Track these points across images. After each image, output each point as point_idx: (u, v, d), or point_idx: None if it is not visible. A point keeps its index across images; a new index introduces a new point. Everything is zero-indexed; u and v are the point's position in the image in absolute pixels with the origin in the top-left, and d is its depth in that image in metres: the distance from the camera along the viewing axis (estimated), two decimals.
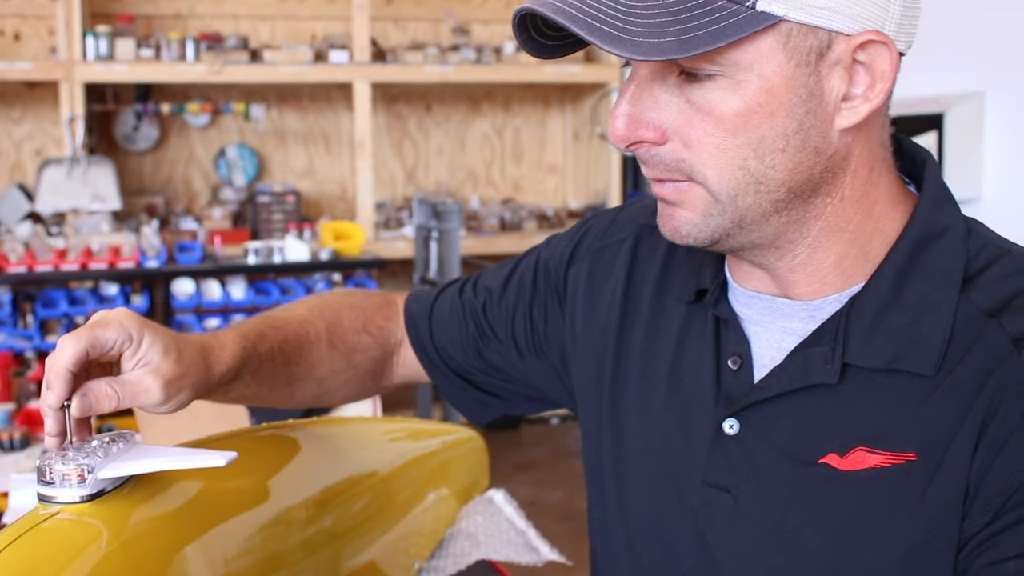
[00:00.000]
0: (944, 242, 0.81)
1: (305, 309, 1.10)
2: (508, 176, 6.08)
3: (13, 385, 2.80)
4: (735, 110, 0.75)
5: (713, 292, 0.90)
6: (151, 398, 0.86)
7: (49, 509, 0.78)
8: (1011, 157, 3.71)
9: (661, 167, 0.79)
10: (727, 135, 0.75)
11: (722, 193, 0.77)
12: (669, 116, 0.77)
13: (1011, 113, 3.68)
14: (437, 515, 1.40)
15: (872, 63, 0.76)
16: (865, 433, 0.79)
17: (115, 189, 4.79)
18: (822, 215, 0.80)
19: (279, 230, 5.14)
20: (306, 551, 1.03)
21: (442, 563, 1.36)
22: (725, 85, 0.74)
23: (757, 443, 0.84)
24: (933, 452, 0.76)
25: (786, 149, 0.76)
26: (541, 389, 1.11)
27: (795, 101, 0.75)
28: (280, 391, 1.05)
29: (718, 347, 0.89)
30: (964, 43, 3.82)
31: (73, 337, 0.82)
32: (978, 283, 0.79)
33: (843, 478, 0.79)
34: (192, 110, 5.22)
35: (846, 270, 0.82)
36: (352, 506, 1.15)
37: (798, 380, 0.82)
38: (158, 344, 0.87)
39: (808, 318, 0.84)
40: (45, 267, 4.32)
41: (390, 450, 1.31)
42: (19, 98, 5.22)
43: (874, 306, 0.80)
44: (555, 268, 1.08)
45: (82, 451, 0.80)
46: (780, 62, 0.74)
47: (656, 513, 0.91)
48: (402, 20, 5.75)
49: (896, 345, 0.79)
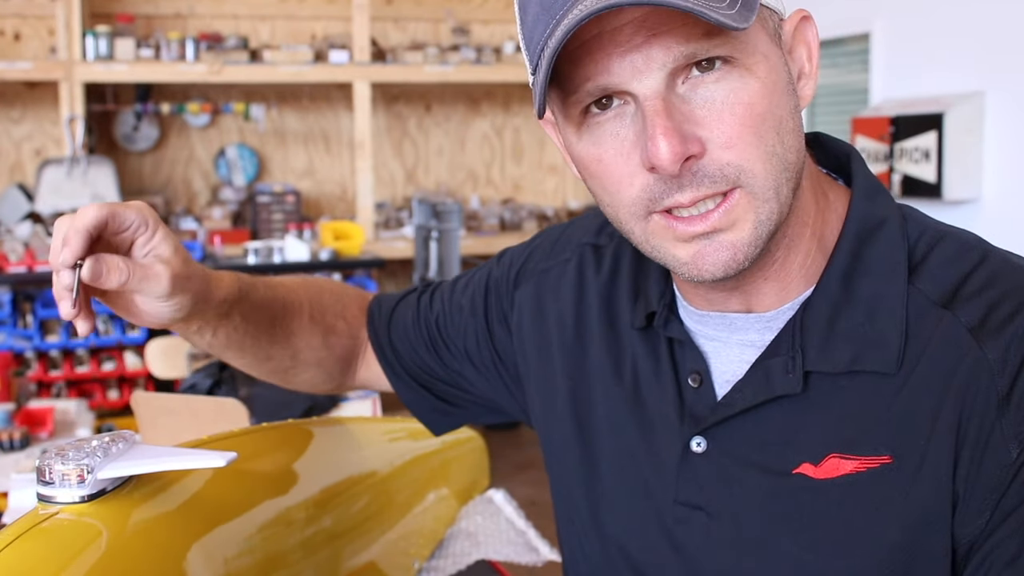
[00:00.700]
0: (884, 233, 0.81)
1: (292, 281, 1.11)
2: (508, 176, 6.08)
3: (13, 385, 2.80)
4: (759, 92, 0.73)
5: (661, 314, 0.88)
6: (158, 285, 0.85)
7: (49, 509, 0.78)
8: (1011, 157, 3.71)
9: (707, 181, 0.73)
10: (757, 122, 0.73)
11: (768, 188, 0.74)
12: (701, 124, 0.73)
13: (1011, 113, 3.68)
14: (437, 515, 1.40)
15: (806, 38, 0.79)
16: (836, 439, 0.78)
17: (115, 189, 4.79)
18: (796, 208, 0.80)
19: (279, 230, 5.14)
20: (306, 551, 1.03)
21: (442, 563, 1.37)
22: (739, 72, 0.72)
23: (726, 459, 0.83)
24: (908, 453, 0.76)
25: (794, 128, 0.76)
26: (496, 402, 1.11)
27: (786, 79, 0.76)
28: (260, 347, 1.04)
29: (675, 366, 0.88)
30: (964, 43, 3.82)
31: (96, 205, 0.83)
32: (923, 272, 0.79)
33: (819, 487, 0.78)
34: (192, 110, 5.22)
35: (808, 269, 0.82)
36: (352, 506, 1.15)
37: (762, 393, 0.80)
38: (170, 240, 0.87)
39: (764, 329, 0.83)
40: (45, 267, 4.32)
41: (390, 450, 1.31)
42: (19, 98, 5.22)
43: (826, 309, 0.79)
44: (503, 289, 1.07)
45: (82, 451, 0.80)
46: (766, 42, 0.74)
47: (633, 532, 0.91)
48: (402, 20, 5.75)
49: (854, 346, 0.78)
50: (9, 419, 2.62)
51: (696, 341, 0.87)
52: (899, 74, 4.16)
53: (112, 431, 0.85)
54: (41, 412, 2.71)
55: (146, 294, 0.86)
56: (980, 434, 0.74)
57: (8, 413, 2.63)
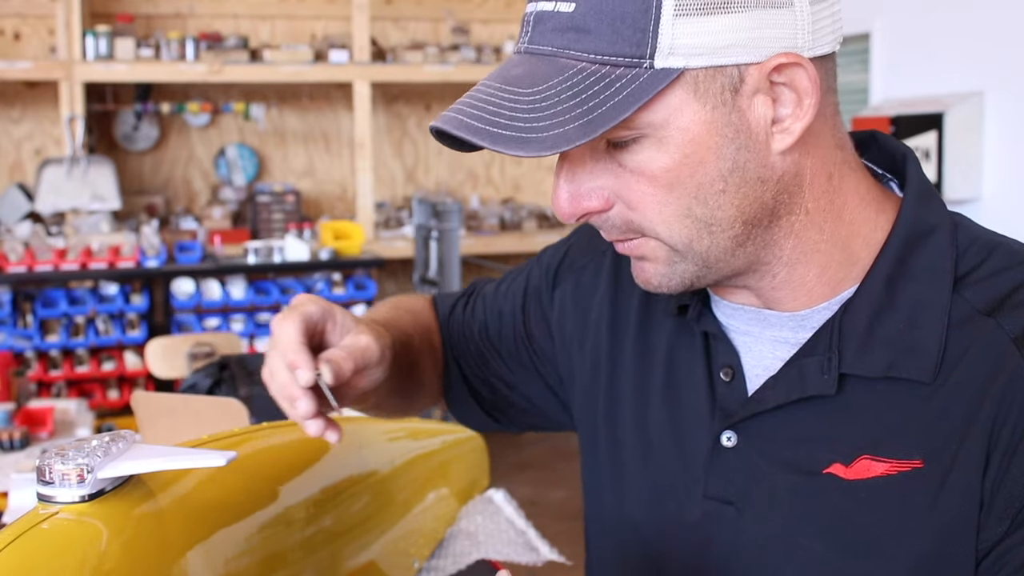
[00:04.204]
0: (933, 241, 0.80)
1: (384, 308, 1.10)
2: (508, 176, 6.08)
3: (13, 385, 2.80)
4: (664, 166, 0.74)
5: (695, 307, 0.89)
6: (373, 353, 0.86)
7: (49, 509, 0.78)
8: (1011, 157, 3.71)
9: (615, 231, 0.79)
10: (664, 191, 0.75)
11: (677, 243, 0.77)
12: (607, 182, 0.77)
13: (1011, 113, 3.68)
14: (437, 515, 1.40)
15: (792, 83, 0.74)
16: (868, 441, 0.78)
17: (115, 189, 4.79)
18: (791, 233, 0.79)
19: (279, 230, 5.14)
20: (306, 551, 1.03)
21: (442, 563, 1.36)
22: (649, 145, 0.73)
23: (756, 455, 0.83)
24: (940, 459, 0.76)
25: (726, 189, 0.75)
26: (541, 408, 1.11)
27: (722, 142, 0.73)
28: (404, 385, 1.03)
29: (708, 359, 0.88)
30: (964, 43, 3.82)
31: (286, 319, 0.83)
32: (970, 281, 0.78)
33: (850, 487, 0.78)
34: (192, 110, 5.22)
35: (831, 278, 0.81)
36: (352, 506, 1.15)
37: (795, 391, 0.80)
38: (347, 315, 0.89)
39: (797, 327, 0.82)
40: (45, 267, 4.32)
41: (390, 450, 1.30)
42: (19, 98, 5.22)
43: (867, 312, 0.79)
44: (544, 289, 1.07)
45: (82, 451, 0.80)
46: (695, 110, 0.72)
47: (656, 527, 0.90)
48: (402, 20, 5.75)
49: (892, 352, 0.77)
50: (9, 419, 2.62)
51: (728, 335, 0.87)
52: (899, 74, 4.16)
53: (112, 431, 0.85)
54: (41, 412, 2.71)
55: (367, 365, 0.86)
56: (1011, 440, 0.74)
57: (8, 413, 2.63)
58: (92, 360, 4.46)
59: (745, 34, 0.71)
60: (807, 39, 0.74)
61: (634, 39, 0.70)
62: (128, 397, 4.13)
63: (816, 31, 0.74)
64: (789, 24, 0.73)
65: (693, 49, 0.70)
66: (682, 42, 0.70)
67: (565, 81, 0.71)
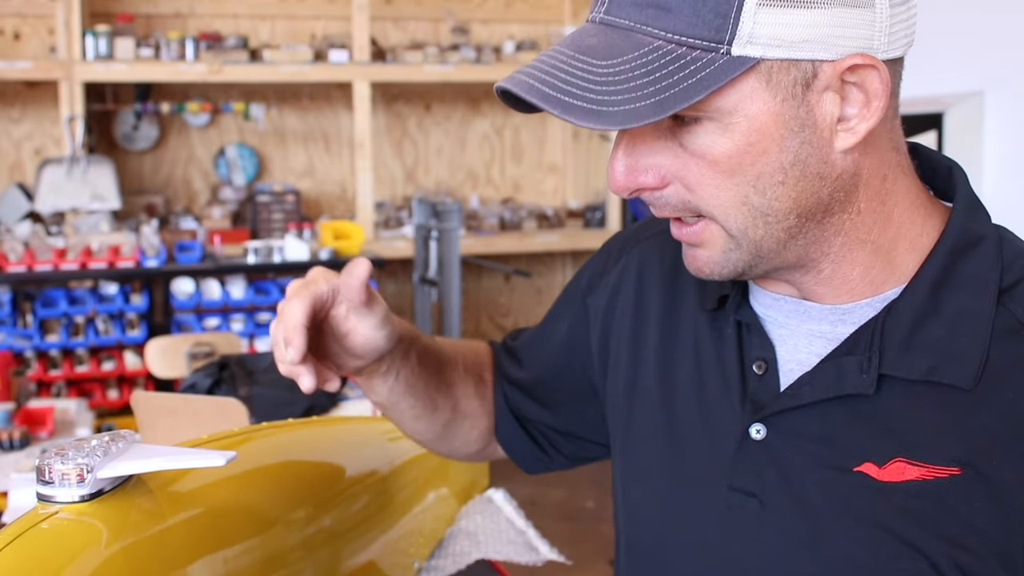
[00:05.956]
0: (980, 251, 0.81)
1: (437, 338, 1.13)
2: (508, 176, 6.08)
3: (13, 384, 2.80)
4: (727, 152, 0.74)
5: (735, 297, 0.89)
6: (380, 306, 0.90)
7: (48, 508, 0.78)
8: (1011, 157, 3.71)
9: (669, 208, 0.79)
10: (723, 176, 0.75)
11: (733, 228, 0.77)
12: (666, 161, 0.77)
13: (1011, 113, 3.68)
14: (437, 515, 1.40)
15: (863, 83, 0.74)
16: (904, 444, 0.78)
17: (115, 189, 4.79)
18: (841, 231, 0.79)
19: (279, 230, 5.14)
20: (306, 551, 1.03)
21: (442, 562, 1.36)
22: (714, 129, 0.74)
23: (786, 448, 0.82)
24: (978, 468, 0.76)
25: (785, 181, 0.75)
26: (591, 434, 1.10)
27: (786, 135, 0.74)
28: (429, 394, 1.04)
29: (741, 351, 0.88)
30: (964, 43, 3.82)
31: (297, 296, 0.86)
32: (1016, 294, 0.79)
33: (883, 488, 0.78)
34: (192, 110, 5.22)
35: (874, 279, 0.81)
36: (352, 506, 1.15)
37: (832, 389, 0.80)
38: None
39: (837, 321, 0.83)
40: (45, 266, 4.32)
41: (390, 450, 1.30)
42: (19, 98, 5.22)
43: (911, 316, 0.79)
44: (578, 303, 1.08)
45: (82, 451, 0.80)
46: (765, 100, 0.73)
47: (679, 518, 0.90)
48: (402, 20, 5.75)
49: (934, 356, 0.78)
50: (9, 419, 2.62)
51: (765, 327, 0.87)
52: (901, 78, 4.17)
53: (112, 431, 0.85)
54: (41, 412, 2.71)
55: (366, 317, 0.89)
56: None
57: (8, 413, 2.63)
58: (92, 360, 4.46)
59: (824, 31, 0.71)
60: (883, 41, 0.74)
61: (715, 24, 0.70)
62: (128, 397, 4.13)
63: (892, 33, 0.75)
64: (867, 24, 0.73)
65: (772, 40, 0.71)
66: (762, 31, 0.70)
67: (641, 57, 0.71)
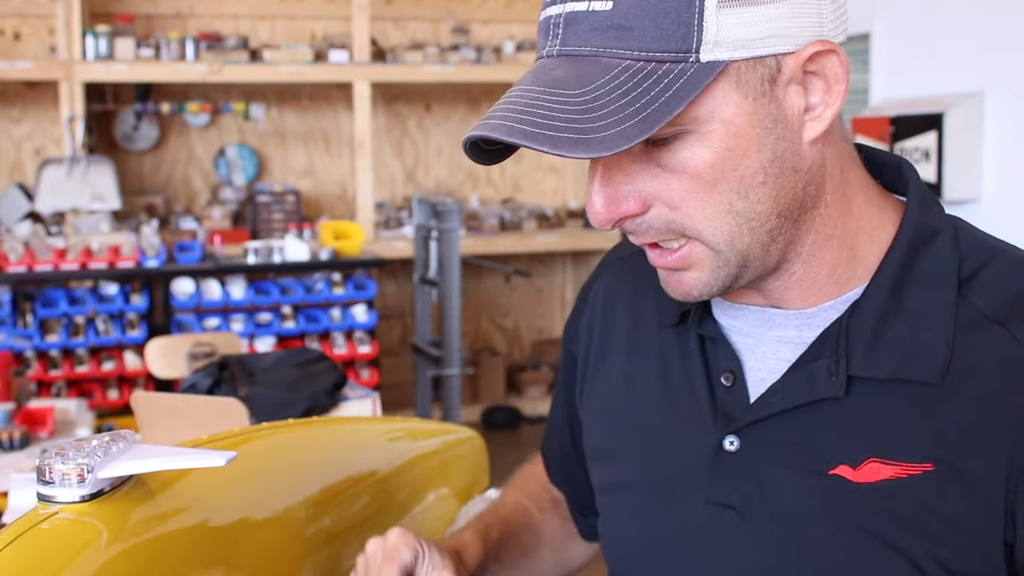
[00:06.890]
0: (936, 245, 0.81)
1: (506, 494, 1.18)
2: (508, 176, 6.08)
3: (13, 385, 2.80)
4: (708, 161, 0.73)
5: (696, 311, 0.89)
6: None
7: (49, 509, 0.78)
8: (1011, 157, 3.71)
9: (652, 232, 0.78)
10: (706, 187, 0.74)
11: (720, 242, 0.77)
12: (645, 184, 0.76)
13: (1011, 113, 3.68)
14: (437, 515, 1.40)
15: (823, 70, 0.75)
16: (875, 444, 0.78)
17: (115, 189, 4.79)
18: (812, 227, 0.79)
19: (279, 230, 5.14)
20: (306, 551, 1.03)
21: None
22: (692, 141, 0.73)
23: (760, 458, 0.82)
24: (951, 463, 0.76)
25: (766, 181, 0.75)
26: None
27: (762, 133, 0.74)
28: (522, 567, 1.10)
29: (707, 365, 0.88)
30: (964, 43, 3.82)
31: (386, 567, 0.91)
32: (975, 285, 0.79)
33: (859, 490, 0.78)
34: (192, 110, 5.22)
35: (840, 276, 0.82)
36: (352, 506, 1.15)
37: (804, 395, 0.80)
38: (435, 552, 0.94)
39: (803, 326, 0.83)
40: (45, 267, 4.32)
41: (390, 450, 1.30)
42: (19, 98, 5.22)
43: (874, 316, 0.79)
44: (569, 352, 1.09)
45: (82, 451, 0.80)
46: (737, 102, 0.73)
47: (658, 537, 0.90)
48: (402, 20, 5.75)
49: (900, 354, 0.78)
50: (9, 419, 2.62)
51: (730, 338, 0.87)
52: (899, 74, 4.16)
53: (112, 431, 0.85)
54: (41, 412, 2.71)
55: None
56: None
57: (8, 413, 2.63)
58: (92, 360, 4.46)
59: (782, 24, 0.72)
60: (832, 27, 0.75)
61: (678, 34, 0.70)
62: (128, 397, 4.13)
63: (837, 19, 0.76)
64: (817, 13, 0.74)
65: (736, 41, 0.71)
66: (726, 33, 0.71)
67: (613, 80, 0.71)
